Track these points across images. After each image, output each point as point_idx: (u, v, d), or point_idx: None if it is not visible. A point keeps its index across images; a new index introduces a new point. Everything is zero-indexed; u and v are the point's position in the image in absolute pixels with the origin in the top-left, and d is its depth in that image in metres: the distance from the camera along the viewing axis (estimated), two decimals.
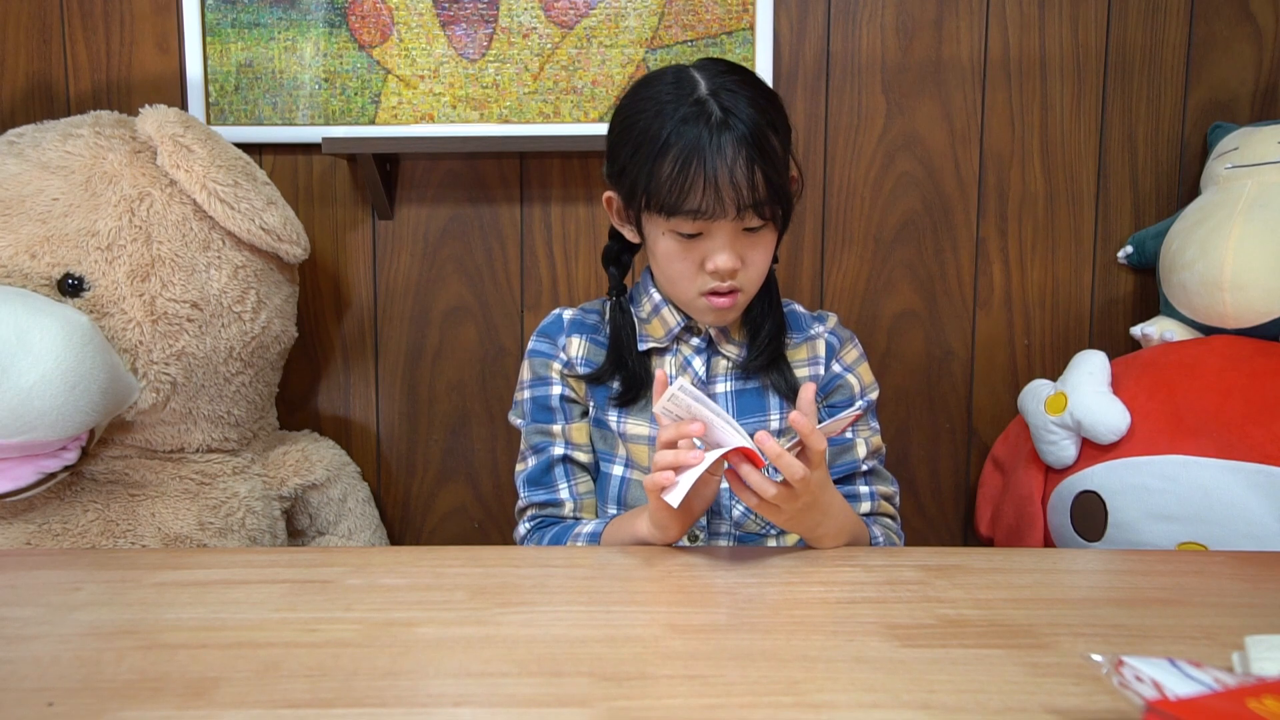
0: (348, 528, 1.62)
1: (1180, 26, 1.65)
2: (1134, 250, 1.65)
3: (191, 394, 1.39)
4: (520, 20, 1.65)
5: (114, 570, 0.92)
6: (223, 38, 1.66)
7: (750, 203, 0.98)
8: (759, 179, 0.97)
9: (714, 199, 0.97)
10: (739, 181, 0.96)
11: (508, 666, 0.69)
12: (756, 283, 1.07)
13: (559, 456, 1.12)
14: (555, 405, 1.13)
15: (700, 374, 1.12)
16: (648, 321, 1.13)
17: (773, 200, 1.00)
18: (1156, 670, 0.57)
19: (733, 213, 0.98)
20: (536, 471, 1.13)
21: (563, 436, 1.13)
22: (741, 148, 0.97)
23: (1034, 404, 1.43)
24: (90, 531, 1.32)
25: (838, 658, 0.70)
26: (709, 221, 0.99)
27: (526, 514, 1.14)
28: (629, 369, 1.11)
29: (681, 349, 1.13)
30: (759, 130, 0.98)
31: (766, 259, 1.05)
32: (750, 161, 0.97)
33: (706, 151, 0.96)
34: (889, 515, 1.15)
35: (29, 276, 1.28)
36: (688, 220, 0.99)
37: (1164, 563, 0.96)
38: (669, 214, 0.99)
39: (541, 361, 1.15)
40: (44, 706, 0.63)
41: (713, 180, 0.96)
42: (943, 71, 1.66)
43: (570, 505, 1.13)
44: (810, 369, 1.15)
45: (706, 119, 0.98)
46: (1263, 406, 1.27)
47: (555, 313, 1.18)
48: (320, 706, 0.63)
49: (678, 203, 0.98)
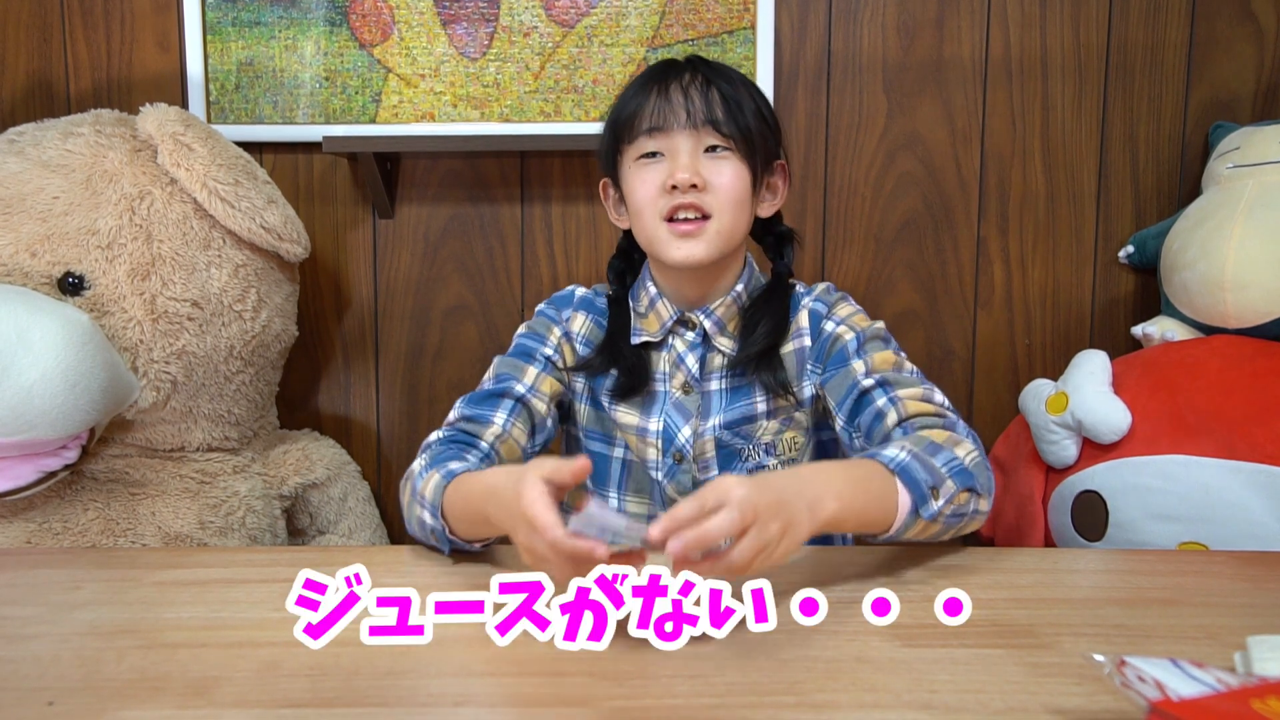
0: (348, 527, 1.62)
1: (1182, 26, 1.64)
2: (1135, 250, 1.64)
3: (192, 393, 1.38)
4: (521, 19, 1.65)
5: (114, 569, 0.92)
6: (223, 36, 1.66)
7: (705, 116, 1.01)
8: (714, 95, 1.01)
9: (667, 110, 1.01)
10: (693, 95, 1.01)
11: (508, 666, 0.69)
12: (728, 212, 1.03)
13: (516, 394, 1.07)
14: (538, 357, 1.11)
15: (694, 371, 1.10)
16: (644, 315, 1.12)
17: (730, 119, 1.01)
18: (1159, 670, 0.57)
19: (683, 119, 1.00)
20: (483, 395, 1.08)
21: (530, 380, 1.09)
22: (698, 73, 1.03)
23: (1035, 404, 1.43)
24: (90, 530, 1.32)
25: (839, 658, 0.70)
26: (665, 136, 1.01)
27: (447, 424, 1.07)
28: (625, 361, 1.10)
29: (675, 344, 1.11)
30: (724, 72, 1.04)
31: (734, 184, 1.03)
32: (707, 82, 1.02)
33: (666, 77, 1.03)
34: (929, 414, 0.98)
35: (29, 275, 1.28)
36: (645, 138, 1.02)
37: (1165, 563, 0.96)
38: (629, 138, 1.03)
39: (543, 322, 1.15)
40: (44, 705, 0.63)
41: (665, 97, 1.01)
42: (944, 71, 1.66)
43: (494, 432, 1.04)
44: (795, 343, 1.10)
45: (672, 62, 1.06)
46: (1264, 406, 1.27)
47: (570, 288, 1.18)
48: (320, 706, 0.63)
49: (633, 121, 1.02)
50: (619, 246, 1.18)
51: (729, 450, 1.10)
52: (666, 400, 1.10)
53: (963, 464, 0.90)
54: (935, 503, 0.86)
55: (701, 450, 1.09)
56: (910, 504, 0.85)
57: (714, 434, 1.08)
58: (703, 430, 1.09)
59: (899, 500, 0.85)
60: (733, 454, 1.10)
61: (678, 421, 1.09)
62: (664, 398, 1.11)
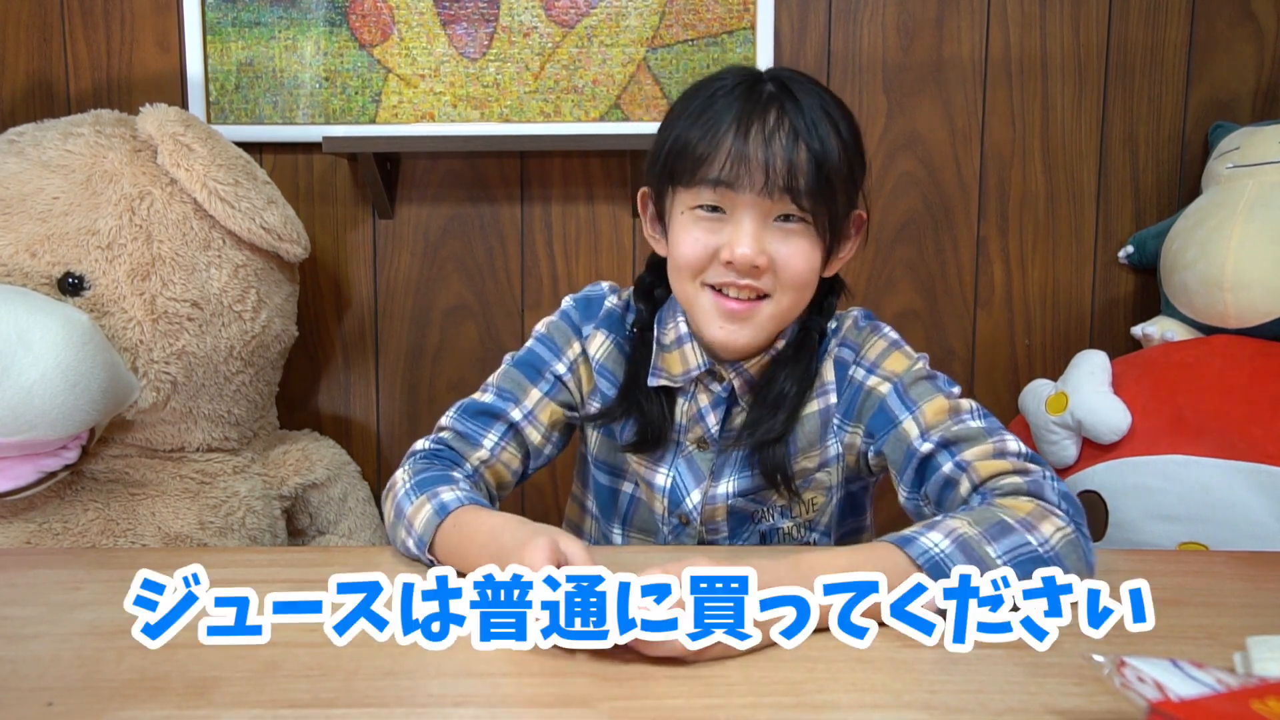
0: (348, 527, 1.62)
1: (1181, 26, 1.64)
2: (1135, 250, 1.64)
3: (192, 393, 1.38)
4: (521, 19, 1.65)
5: (114, 569, 0.91)
6: (223, 37, 1.66)
7: (784, 182, 0.83)
8: (801, 155, 0.83)
9: (741, 165, 0.83)
10: (775, 151, 0.83)
11: (508, 666, 0.69)
12: (789, 296, 0.88)
13: (511, 419, 0.97)
14: (547, 375, 1.00)
15: (714, 431, 0.97)
16: (668, 350, 0.97)
17: (813, 190, 0.83)
18: (1158, 671, 0.57)
19: (760, 183, 0.83)
20: (478, 409, 0.98)
21: (530, 405, 0.99)
22: (787, 118, 0.84)
23: (1035, 404, 1.43)
24: (90, 531, 1.32)
25: (839, 658, 0.70)
26: (733, 195, 0.84)
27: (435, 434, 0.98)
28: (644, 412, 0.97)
29: (699, 396, 0.97)
30: (817, 113, 0.85)
31: (804, 267, 0.87)
32: (795, 135, 0.83)
33: (747, 115, 0.84)
34: (1007, 473, 0.82)
35: (29, 275, 1.28)
36: (708, 189, 0.85)
37: (1164, 563, 0.96)
38: (688, 181, 0.86)
39: (564, 332, 1.02)
40: (44, 706, 0.63)
41: (743, 142, 0.83)
42: (944, 71, 1.66)
43: (481, 457, 0.96)
44: (820, 402, 0.95)
45: (757, 88, 0.86)
46: (1264, 406, 1.27)
47: (601, 289, 1.05)
48: (320, 706, 0.63)
49: (699, 166, 0.85)
50: (650, 261, 1.03)
51: (741, 515, 1.00)
52: (678, 454, 0.99)
53: (1034, 550, 0.74)
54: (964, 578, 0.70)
55: (710, 515, 0.99)
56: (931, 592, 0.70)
57: (726, 501, 0.98)
58: (713, 495, 0.98)
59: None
60: (744, 518, 1.00)
61: (687, 484, 0.99)
62: (676, 450, 0.99)
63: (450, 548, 0.84)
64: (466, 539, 0.82)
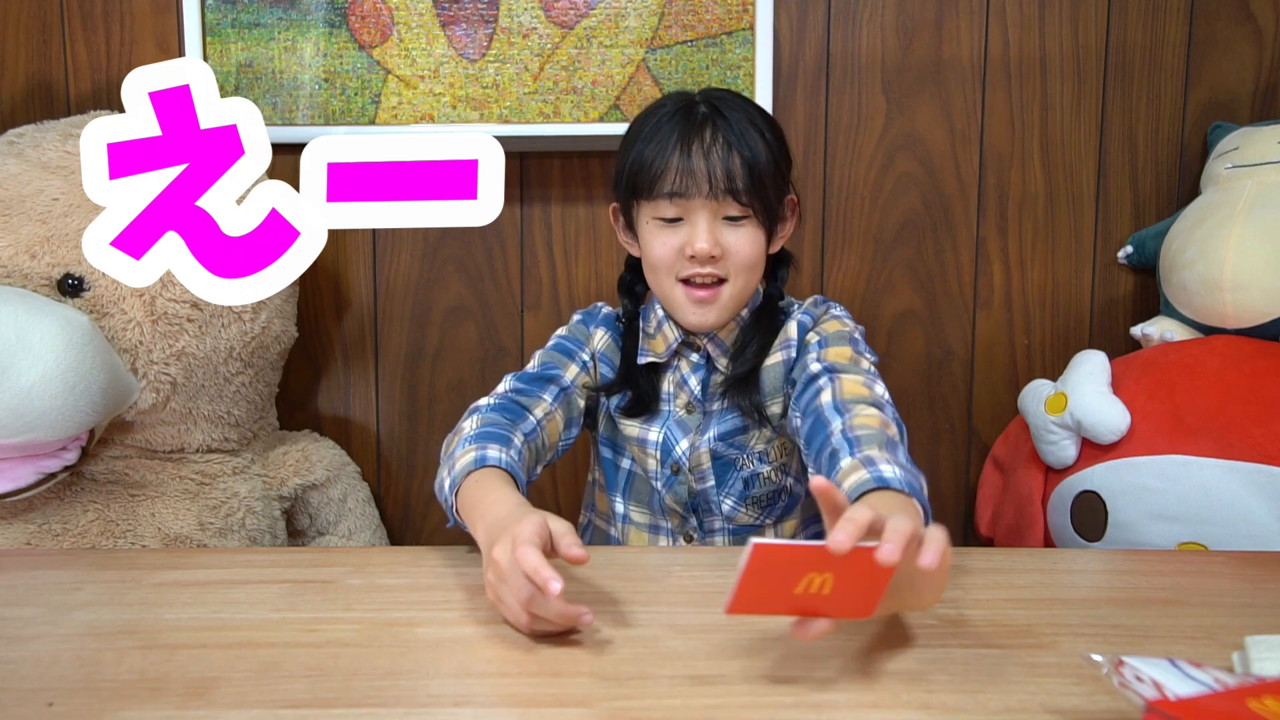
0: (348, 528, 1.62)
1: (1180, 26, 1.65)
2: (1134, 250, 1.65)
3: (191, 394, 1.39)
4: (520, 20, 1.65)
5: (114, 570, 0.92)
6: (223, 38, 1.66)
7: (725, 186, 1.01)
8: (735, 162, 1.02)
9: (689, 178, 1.01)
10: (714, 162, 1.01)
11: (508, 666, 0.69)
12: (742, 276, 1.07)
13: (563, 383, 1.13)
14: (577, 358, 1.17)
15: (697, 392, 1.15)
16: (652, 336, 1.16)
17: (751, 189, 1.03)
18: (1157, 670, 0.57)
19: (705, 190, 1.01)
20: (533, 374, 1.13)
21: (571, 376, 1.15)
22: (720, 133, 1.03)
23: (1034, 404, 1.43)
24: (90, 532, 1.32)
25: (838, 658, 0.70)
26: (686, 202, 1.03)
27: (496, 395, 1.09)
28: (637, 385, 1.15)
29: (680, 365, 1.16)
30: (744, 125, 1.04)
31: (751, 251, 1.06)
32: (729, 146, 1.02)
33: (689, 135, 1.03)
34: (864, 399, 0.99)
35: (29, 276, 1.28)
36: (665, 201, 1.04)
37: (1164, 563, 0.96)
38: (648, 195, 1.05)
39: (582, 330, 1.21)
40: (44, 706, 0.63)
41: (687, 159, 1.02)
42: (943, 71, 1.66)
43: (544, 409, 1.09)
44: (783, 354, 1.13)
45: (693, 111, 1.06)
46: (1263, 406, 1.27)
47: (598, 305, 1.25)
48: (320, 706, 0.63)
49: (655, 182, 1.03)
50: (628, 261, 1.20)
51: (724, 460, 1.14)
52: (670, 417, 1.16)
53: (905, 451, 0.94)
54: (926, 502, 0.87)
55: (698, 461, 1.14)
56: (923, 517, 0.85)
57: (709, 445, 1.13)
58: (699, 443, 1.14)
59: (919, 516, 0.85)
60: (728, 464, 1.15)
61: (677, 435, 1.15)
62: (668, 415, 1.16)
63: (468, 500, 0.91)
64: (478, 498, 0.90)
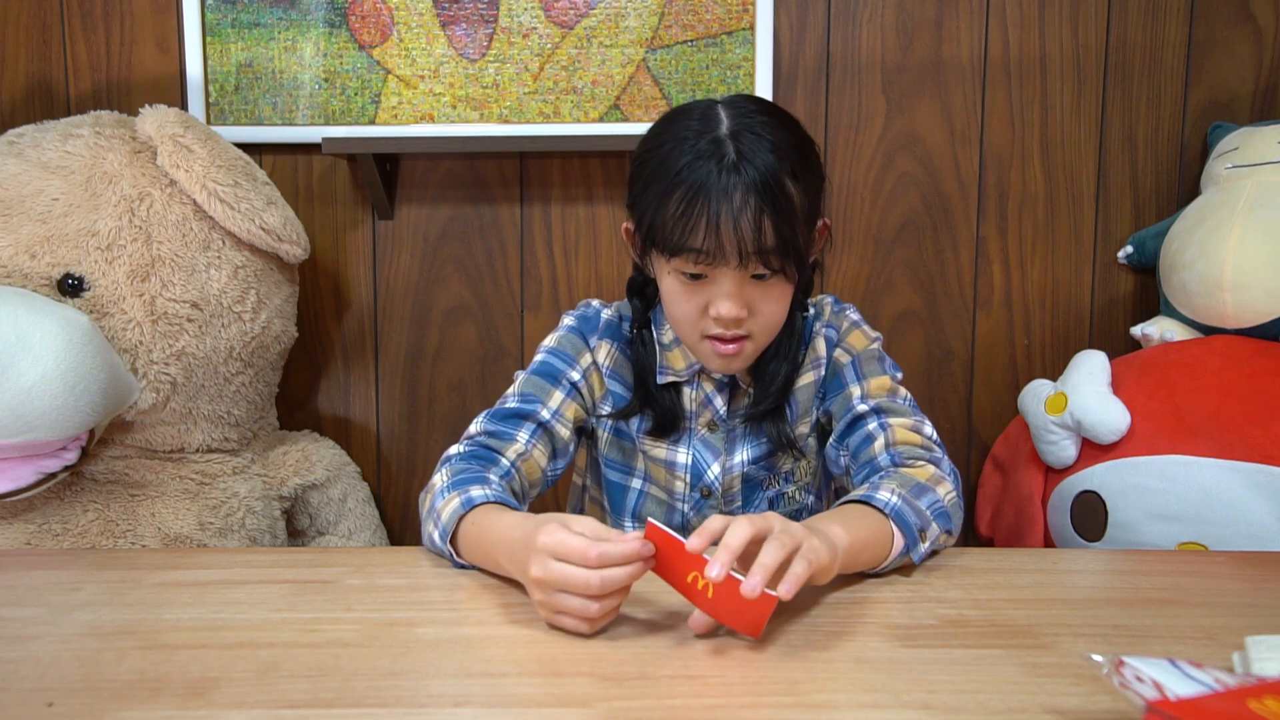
0: (348, 528, 1.62)
1: (1180, 26, 1.65)
2: (1134, 250, 1.65)
3: (191, 394, 1.38)
4: (520, 20, 1.65)
5: (114, 570, 0.92)
6: (223, 38, 1.66)
7: (754, 250, 0.93)
8: (766, 227, 0.92)
9: (715, 242, 0.93)
10: (743, 228, 0.92)
11: (508, 666, 0.69)
12: (768, 332, 1.01)
13: (540, 418, 1.05)
14: (564, 381, 1.08)
15: (721, 411, 1.09)
16: (670, 349, 1.09)
17: (780, 251, 0.94)
18: (1157, 670, 0.57)
19: (735, 259, 0.93)
20: (506, 412, 1.05)
21: (555, 405, 1.07)
22: (750, 194, 0.92)
23: (1034, 404, 1.43)
24: (90, 531, 1.32)
25: (838, 658, 0.70)
26: (711, 265, 0.95)
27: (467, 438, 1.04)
28: (658, 404, 1.08)
29: (703, 384, 1.10)
30: (773, 177, 0.93)
31: (777, 309, 1.00)
32: (758, 210, 0.92)
33: (713, 193, 0.92)
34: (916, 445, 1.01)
35: (29, 276, 1.28)
36: (689, 261, 0.95)
37: (1164, 563, 0.96)
38: (672, 253, 0.96)
39: (573, 343, 1.11)
40: (44, 706, 0.63)
41: (715, 223, 0.92)
42: (943, 71, 1.66)
43: (516, 450, 1.03)
44: (814, 373, 1.10)
45: (720, 159, 0.93)
46: (1263, 406, 1.27)
47: (594, 307, 1.14)
48: (320, 706, 0.63)
49: (680, 242, 0.94)
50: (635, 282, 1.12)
51: (753, 482, 1.13)
52: (694, 436, 1.11)
53: (944, 506, 0.94)
54: (923, 545, 0.89)
55: (729, 485, 1.12)
56: (903, 546, 0.87)
57: (741, 470, 1.11)
58: (730, 466, 1.11)
59: (894, 542, 0.87)
60: (756, 485, 1.13)
61: (706, 458, 1.10)
62: (690, 434, 1.11)
63: (471, 542, 0.89)
64: (483, 532, 0.87)
